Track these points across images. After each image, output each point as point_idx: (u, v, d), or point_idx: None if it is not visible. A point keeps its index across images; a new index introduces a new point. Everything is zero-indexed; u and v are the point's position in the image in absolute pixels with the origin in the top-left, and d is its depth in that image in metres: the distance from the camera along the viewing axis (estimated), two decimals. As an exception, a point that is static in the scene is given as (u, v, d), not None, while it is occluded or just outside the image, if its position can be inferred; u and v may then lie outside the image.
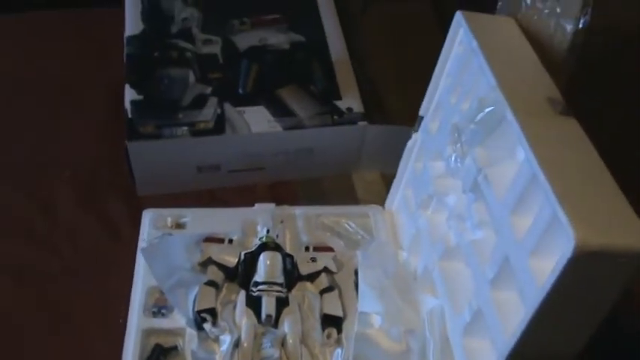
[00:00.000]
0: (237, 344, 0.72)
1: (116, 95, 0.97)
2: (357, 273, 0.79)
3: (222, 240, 0.82)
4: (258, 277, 0.77)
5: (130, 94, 0.96)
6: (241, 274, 0.78)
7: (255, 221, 0.84)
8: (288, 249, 0.81)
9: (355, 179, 0.99)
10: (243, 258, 0.78)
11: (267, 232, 0.81)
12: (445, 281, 0.72)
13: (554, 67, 0.66)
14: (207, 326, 0.73)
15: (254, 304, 0.75)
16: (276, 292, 0.75)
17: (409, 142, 0.83)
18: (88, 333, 0.79)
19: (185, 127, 0.92)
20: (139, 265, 0.81)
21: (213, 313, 0.74)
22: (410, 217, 0.82)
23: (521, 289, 0.57)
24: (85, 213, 0.92)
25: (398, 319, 0.73)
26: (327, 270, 0.80)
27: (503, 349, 0.57)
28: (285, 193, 0.96)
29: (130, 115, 0.93)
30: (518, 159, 0.61)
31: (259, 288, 0.76)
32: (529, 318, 0.53)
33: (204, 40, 1.04)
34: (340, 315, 0.76)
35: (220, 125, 0.93)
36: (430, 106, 0.80)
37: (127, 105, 0.94)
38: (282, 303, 0.75)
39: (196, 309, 0.74)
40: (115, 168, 0.94)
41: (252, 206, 0.87)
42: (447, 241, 0.72)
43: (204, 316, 0.74)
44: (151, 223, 0.85)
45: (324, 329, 0.75)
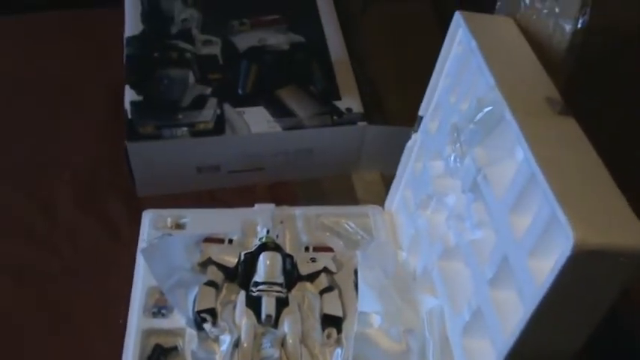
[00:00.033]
0: (237, 344, 0.72)
1: (116, 96, 0.97)
2: (356, 273, 0.79)
3: (222, 240, 0.82)
4: (258, 278, 0.77)
5: (130, 94, 0.96)
6: (241, 274, 0.78)
7: (255, 221, 0.84)
8: (287, 249, 0.81)
9: (355, 179, 0.99)
10: (243, 258, 0.79)
11: (267, 232, 0.81)
12: (444, 281, 0.72)
13: (552, 67, 0.67)
14: (207, 326, 0.73)
15: (254, 304, 0.75)
16: (276, 292, 0.76)
17: (409, 143, 0.83)
18: (88, 333, 0.79)
19: (185, 128, 0.93)
20: (138, 266, 0.81)
21: (213, 313, 0.74)
22: (409, 217, 0.82)
23: (520, 288, 0.57)
24: (85, 213, 0.92)
25: (397, 319, 0.73)
26: (326, 270, 0.80)
27: (502, 348, 0.57)
28: (285, 193, 0.96)
29: (130, 116, 0.93)
30: (517, 159, 0.61)
31: (259, 288, 0.76)
32: (528, 317, 0.53)
33: (203, 41, 1.04)
34: (340, 315, 0.76)
35: (220, 126, 0.93)
36: (429, 106, 0.80)
37: (127, 106, 0.94)
38: (282, 303, 0.75)
39: (196, 309, 0.74)
40: (115, 168, 0.94)
41: (252, 207, 0.87)
42: (446, 241, 0.72)
43: (204, 317, 0.74)
44: (151, 223, 0.85)
45: (323, 329, 0.75)
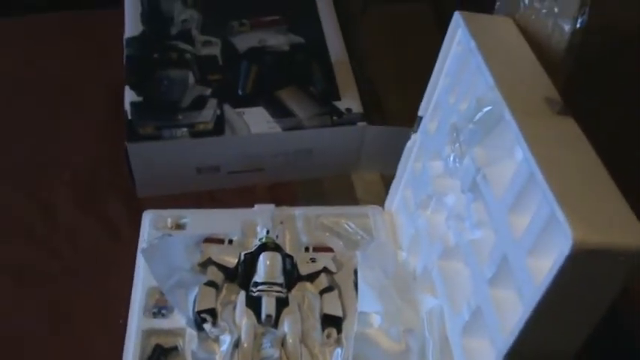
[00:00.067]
0: (237, 344, 0.72)
1: (116, 96, 0.97)
2: (356, 273, 0.79)
3: (222, 241, 0.82)
4: (257, 278, 0.77)
5: (130, 95, 0.96)
6: (241, 274, 0.78)
7: (255, 222, 0.84)
8: (287, 249, 0.81)
9: (354, 180, 0.99)
10: (242, 258, 0.79)
11: (267, 232, 0.81)
12: (444, 281, 0.72)
13: (552, 67, 0.67)
14: (207, 326, 0.73)
15: (254, 304, 0.75)
16: (276, 292, 0.76)
17: (408, 143, 0.83)
18: (88, 333, 0.80)
19: (185, 129, 0.93)
20: (139, 266, 0.81)
21: (213, 313, 0.74)
22: (409, 217, 0.82)
23: (520, 287, 0.57)
24: (85, 213, 0.92)
25: (397, 318, 0.73)
26: (326, 270, 0.80)
27: (501, 347, 0.57)
28: (285, 193, 0.96)
29: (130, 117, 0.93)
30: (516, 158, 0.61)
31: (259, 288, 0.76)
32: (527, 317, 0.53)
33: (203, 42, 1.04)
34: (340, 315, 0.76)
35: (220, 126, 0.93)
36: (429, 106, 0.80)
37: (127, 106, 0.94)
38: (282, 303, 0.75)
39: (196, 309, 0.74)
40: (115, 169, 0.94)
41: (252, 207, 0.87)
42: (446, 241, 0.72)
43: (204, 317, 0.74)
44: (151, 224, 0.85)
45: (323, 329, 0.75)
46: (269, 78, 1.00)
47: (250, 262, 0.78)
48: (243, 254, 0.79)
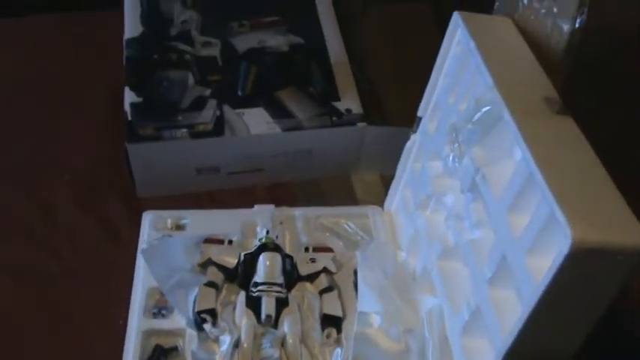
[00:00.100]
0: (237, 344, 0.72)
1: (116, 96, 0.97)
2: (356, 273, 0.80)
3: (221, 241, 0.82)
4: (257, 278, 0.77)
5: (130, 96, 0.96)
6: (241, 274, 0.78)
7: (255, 222, 0.84)
8: (287, 250, 0.81)
9: (354, 180, 0.99)
10: (242, 259, 0.79)
11: (267, 233, 0.81)
12: (444, 281, 0.72)
13: (551, 67, 0.67)
14: (207, 327, 0.73)
15: (254, 304, 0.75)
16: (276, 292, 0.76)
17: (408, 143, 0.84)
18: (88, 334, 0.80)
19: (184, 129, 0.93)
20: (139, 267, 0.81)
21: (213, 313, 0.75)
22: (409, 218, 0.82)
23: (519, 287, 0.57)
24: (85, 214, 0.92)
25: (397, 318, 0.73)
26: (326, 270, 0.80)
27: (501, 347, 0.57)
28: (285, 194, 0.96)
29: (130, 118, 0.94)
30: (515, 158, 0.61)
31: (259, 288, 0.76)
32: (526, 316, 0.53)
33: (203, 43, 1.04)
34: (340, 315, 0.76)
35: (219, 127, 0.94)
36: (428, 107, 0.80)
37: (127, 107, 0.95)
38: (281, 303, 0.75)
39: (196, 310, 0.75)
40: (115, 169, 0.94)
41: (252, 207, 0.87)
42: (445, 241, 0.72)
43: (204, 317, 0.74)
44: (151, 224, 0.85)
45: (323, 329, 0.75)
46: (268, 79, 1.00)
47: (250, 262, 0.78)
48: (243, 255, 0.79)
